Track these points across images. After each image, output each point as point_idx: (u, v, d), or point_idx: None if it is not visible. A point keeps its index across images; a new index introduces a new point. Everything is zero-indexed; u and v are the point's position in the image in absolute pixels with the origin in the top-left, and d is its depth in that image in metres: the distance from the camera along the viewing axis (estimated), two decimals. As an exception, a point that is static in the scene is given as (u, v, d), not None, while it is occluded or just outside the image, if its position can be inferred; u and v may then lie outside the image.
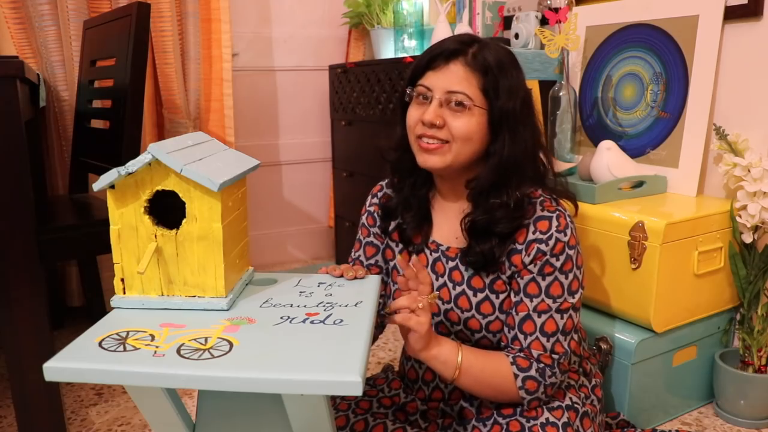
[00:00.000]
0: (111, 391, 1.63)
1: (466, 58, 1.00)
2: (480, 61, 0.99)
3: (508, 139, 1.00)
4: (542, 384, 0.99)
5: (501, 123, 1.00)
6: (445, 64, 1.00)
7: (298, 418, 0.80)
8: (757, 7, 1.44)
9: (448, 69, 1.00)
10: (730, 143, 1.44)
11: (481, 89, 0.99)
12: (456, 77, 0.99)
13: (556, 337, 1.00)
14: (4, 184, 1.22)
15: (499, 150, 1.00)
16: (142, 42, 1.48)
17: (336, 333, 0.75)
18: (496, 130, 1.01)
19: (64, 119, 1.98)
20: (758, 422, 1.42)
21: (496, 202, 1.00)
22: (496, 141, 1.01)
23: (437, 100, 0.99)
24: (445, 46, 1.01)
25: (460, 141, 0.99)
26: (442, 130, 0.99)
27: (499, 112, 0.99)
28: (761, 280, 1.42)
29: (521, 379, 0.98)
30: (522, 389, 0.98)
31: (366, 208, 1.20)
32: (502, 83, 0.99)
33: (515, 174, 1.01)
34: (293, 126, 2.66)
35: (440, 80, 1.00)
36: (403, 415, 1.13)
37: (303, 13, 2.58)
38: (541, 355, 0.99)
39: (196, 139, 0.92)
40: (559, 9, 1.64)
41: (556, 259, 1.00)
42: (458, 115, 0.99)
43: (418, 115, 1.01)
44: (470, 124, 0.99)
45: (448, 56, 1.00)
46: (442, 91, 0.99)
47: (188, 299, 0.83)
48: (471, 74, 0.99)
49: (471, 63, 0.99)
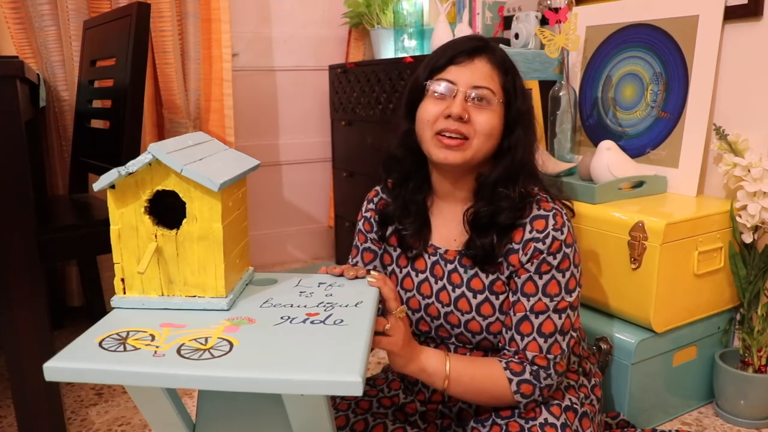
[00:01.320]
0: (111, 391, 1.63)
1: (489, 55, 1.01)
2: (500, 59, 1.02)
3: (522, 138, 1.02)
4: (537, 387, 0.99)
5: (516, 121, 1.02)
6: (470, 60, 1.01)
7: (298, 419, 0.80)
8: (757, 7, 1.44)
9: (474, 64, 1.01)
10: (730, 143, 1.44)
11: (502, 87, 1.01)
12: (481, 73, 1.00)
13: (554, 337, 1.00)
14: (4, 184, 1.22)
15: (514, 146, 1.02)
16: (142, 42, 1.48)
17: (336, 333, 0.75)
18: (511, 128, 1.02)
19: (64, 119, 1.98)
20: (758, 422, 1.42)
21: (503, 191, 1.01)
22: (511, 137, 1.03)
23: (462, 93, 0.99)
24: (467, 42, 1.02)
25: (483, 137, 1.00)
26: (466, 124, 0.99)
27: (516, 111, 1.02)
28: (761, 280, 1.42)
29: (516, 383, 0.98)
30: (518, 393, 0.98)
31: (362, 214, 1.19)
32: (518, 84, 1.03)
33: (523, 171, 1.03)
34: (293, 126, 2.66)
35: (465, 75, 1.00)
36: (402, 415, 1.13)
37: (303, 13, 2.58)
38: (536, 357, 0.99)
39: (196, 139, 0.92)
40: (559, 9, 1.64)
41: (553, 258, 1.00)
42: (482, 110, 0.99)
43: (439, 109, 1.00)
44: (493, 119, 1.00)
45: (472, 52, 1.01)
46: (468, 86, 0.99)
47: (188, 299, 0.83)
48: (494, 71, 1.01)
49: (494, 60, 1.01)
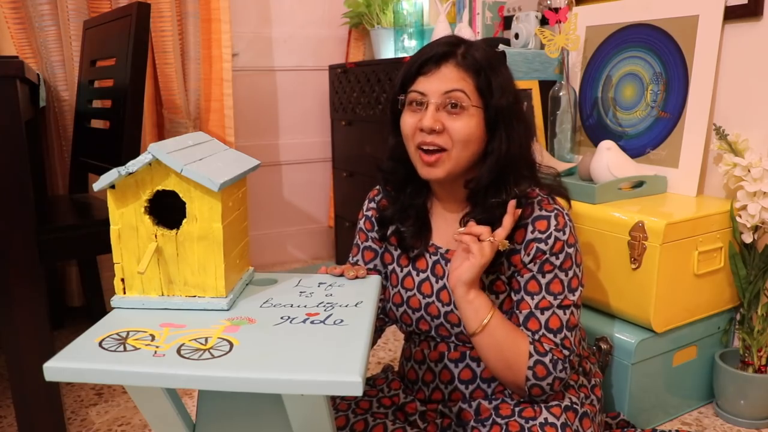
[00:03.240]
0: (111, 391, 1.63)
1: (456, 59, 0.99)
2: (470, 61, 0.99)
3: (505, 137, 1.00)
4: (551, 375, 0.98)
5: (497, 121, 1.00)
6: (436, 68, 0.99)
7: (298, 419, 0.80)
8: (757, 7, 1.44)
9: (440, 72, 0.99)
10: (730, 143, 1.44)
11: (476, 88, 0.99)
12: (449, 79, 0.98)
13: (563, 332, 1.00)
14: (4, 184, 1.22)
15: (497, 148, 1.00)
16: (142, 42, 1.48)
17: (336, 333, 0.75)
18: (493, 129, 1.01)
19: (64, 119, 1.98)
20: (758, 422, 1.42)
21: (495, 201, 1.00)
22: (493, 140, 1.01)
23: (433, 105, 0.98)
24: (433, 50, 1.00)
25: (460, 144, 0.99)
26: (441, 135, 0.98)
27: (494, 110, 0.99)
28: (761, 280, 1.42)
29: (534, 361, 0.98)
30: (530, 370, 0.98)
31: (363, 213, 1.19)
32: (495, 81, 0.99)
33: (512, 171, 1.01)
34: (293, 126, 2.66)
35: (434, 84, 0.98)
36: (402, 415, 1.13)
37: (303, 13, 2.58)
38: (553, 350, 0.99)
39: (196, 139, 0.92)
40: (559, 9, 1.64)
41: (556, 258, 1.00)
42: (456, 117, 0.98)
43: (414, 122, 1.00)
44: (469, 125, 0.98)
45: (438, 59, 0.99)
46: (438, 94, 0.98)
47: (188, 299, 0.83)
48: (464, 74, 0.99)
49: (462, 63, 0.99)
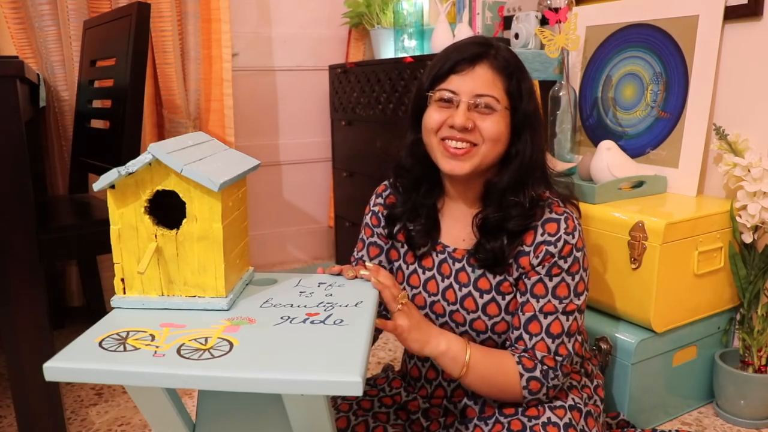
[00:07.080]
0: (111, 391, 1.63)
1: (490, 61, 1.00)
2: (503, 63, 1.00)
3: (530, 141, 1.01)
4: (545, 386, 0.99)
5: (524, 125, 1.01)
6: (470, 67, 0.99)
7: (298, 419, 0.80)
8: (757, 7, 1.44)
9: (474, 72, 0.99)
10: (730, 143, 1.44)
11: (506, 91, 1.00)
12: (483, 80, 0.99)
13: (561, 339, 1.00)
14: (4, 184, 1.22)
15: (522, 151, 1.01)
16: (142, 42, 1.48)
17: (336, 333, 0.75)
18: (519, 132, 1.02)
19: (64, 119, 1.98)
20: (758, 422, 1.42)
21: (513, 199, 1.01)
22: (518, 143, 1.02)
23: (465, 104, 0.98)
24: (468, 49, 1.00)
25: (491, 142, 0.99)
26: (471, 132, 0.99)
27: (522, 114, 1.00)
28: (761, 280, 1.42)
29: (526, 379, 0.98)
30: (525, 389, 0.99)
31: (370, 208, 1.19)
32: (524, 85, 1.01)
33: (532, 175, 1.02)
34: (293, 126, 2.66)
35: (467, 84, 0.99)
36: (404, 414, 1.13)
37: (303, 13, 2.58)
38: (545, 357, 0.99)
39: (196, 139, 0.92)
40: (559, 9, 1.64)
41: (564, 261, 1.00)
42: (487, 117, 0.99)
43: (442, 118, 1.00)
44: (499, 125, 0.99)
45: (473, 59, 0.99)
46: (471, 95, 0.99)
47: (188, 299, 0.83)
48: (497, 77, 1.00)
49: (495, 65, 1.00)
